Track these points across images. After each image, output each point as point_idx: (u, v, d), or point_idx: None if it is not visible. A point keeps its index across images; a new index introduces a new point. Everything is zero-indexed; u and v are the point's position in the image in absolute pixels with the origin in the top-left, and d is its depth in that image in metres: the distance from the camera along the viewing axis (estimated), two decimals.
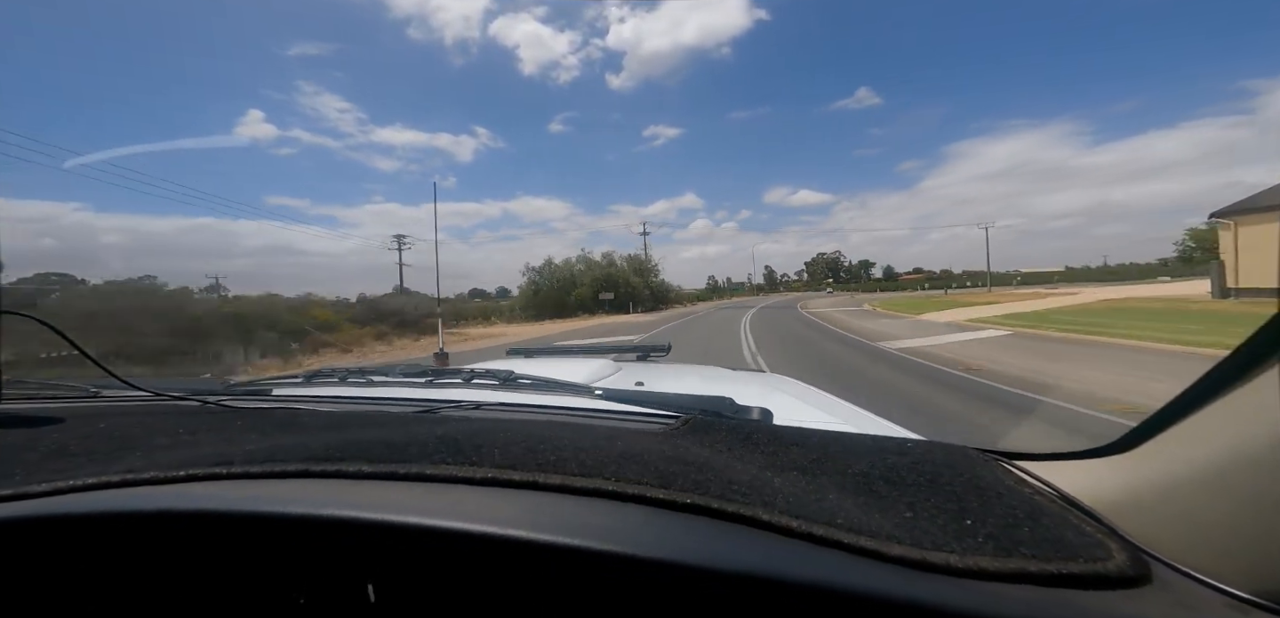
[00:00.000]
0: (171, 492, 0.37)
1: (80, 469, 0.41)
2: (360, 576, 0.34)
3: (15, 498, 0.37)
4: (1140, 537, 0.36)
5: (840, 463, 0.46)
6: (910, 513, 0.37)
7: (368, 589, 0.34)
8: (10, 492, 0.37)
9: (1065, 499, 0.43)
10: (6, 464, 0.43)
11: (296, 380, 1.03)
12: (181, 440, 0.52)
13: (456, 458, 0.41)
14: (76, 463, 0.44)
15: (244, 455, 0.42)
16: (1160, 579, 0.32)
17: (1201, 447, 0.35)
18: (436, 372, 1.03)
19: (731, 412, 0.69)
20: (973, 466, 0.46)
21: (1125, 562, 0.32)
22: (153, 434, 0.53)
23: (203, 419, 0.61)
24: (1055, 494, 0.43)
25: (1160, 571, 0.33)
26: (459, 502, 0.36)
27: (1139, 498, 0.38)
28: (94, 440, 0.51)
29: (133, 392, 0.80)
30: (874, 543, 0.32)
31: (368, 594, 0.34)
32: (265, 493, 0.37)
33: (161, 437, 0.53)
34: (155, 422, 0.59)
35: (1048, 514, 0.38)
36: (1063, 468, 0.46)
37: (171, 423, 0.58)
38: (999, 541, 0.33)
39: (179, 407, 0.73)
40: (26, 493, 0.37)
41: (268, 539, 0.35)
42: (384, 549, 0.34)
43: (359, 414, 0.68)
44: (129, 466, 0.41)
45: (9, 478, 0.40)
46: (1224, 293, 15.85)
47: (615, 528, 0.34)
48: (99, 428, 0.55)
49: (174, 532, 0.35)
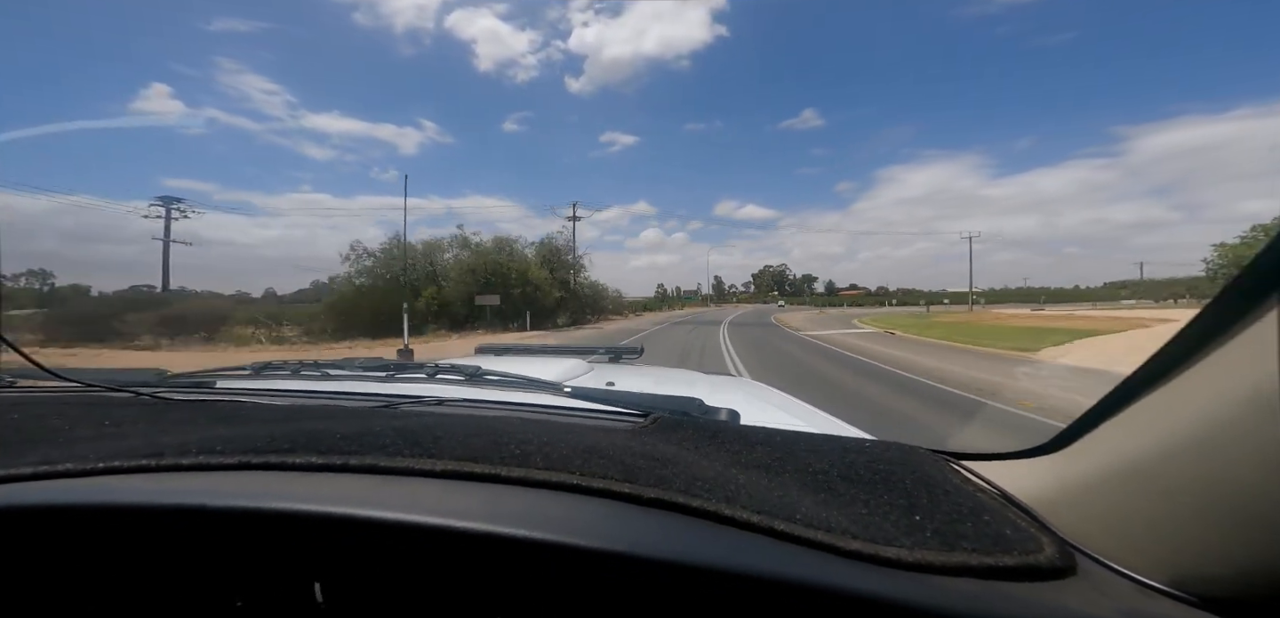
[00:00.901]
0: (90, 485, 0.34)
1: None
2: (306, 574, 0.32)
3: None
4: (1069, 531, 0.39)
5: (802, 461, 0.48)
6: (865, 509, 0.39)
7: (314, 589, 0.32)
8: None
9: (1005, 497, 0.45)
10: None
11: (243, 373, 0.97)
12: (107, 433, 0.48)
13: (413, 450, 0.40)
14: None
15: (177, 446, 0.39)
16: (1084, 571, 0.35)
17: (1124, 445, 0.37)
18: (398, 366, 0.99)
19: (700, 412, 0.70)
20: (923, 464, 0.48)
21: (1054, 555, 0.34)
22: (75, 426, 0.49)
23: (135, 411, 0.57)
24: (996, 492, 0.46)
25: (1084, 563, 0.36)
26: (415, 494, 0.35)
27: (1069, 495, 0.41)
28: (5, 431, 0.46)
29: (58, 382, 0.73)
30: (830, 538, 0.33)
31: (314, 594, 0.32)
32: (198, 486, 0.35)
33: (85, 428, 0.49)
34: (79, 413, 0.54)
35: (988, 511, 0.40)
36: (1004, 467, 0.49)
37: (98, 415, 0.54)
38: (944, 535, 0.35)
39: (109, 398, 0.68)
40: None
41: (202, 536, 0.32)
42: (334, 545, 0.32)
43: (311, 408, 0.65)
44: (43, 457, 0.37)
45: None
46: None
47: (578, 521, 0.34)
48: (11, 418, 0.51)
49: (94, 528, 0.32)
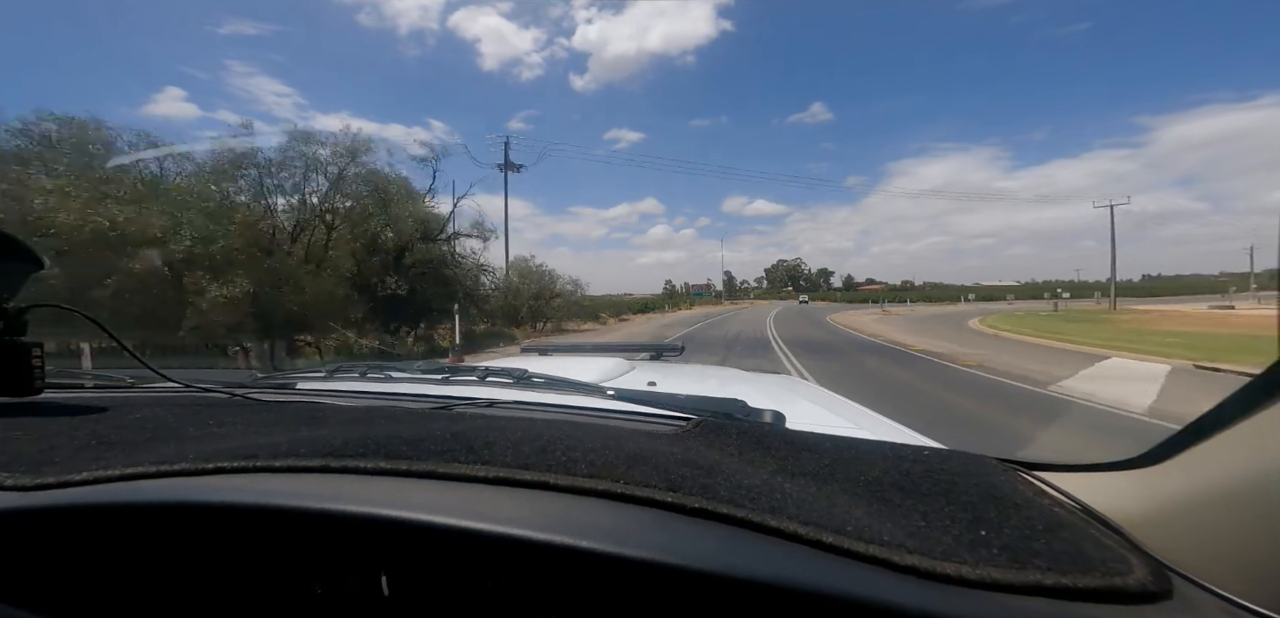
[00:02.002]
0: (200, 484, 0.38)
1: (116, 459, 0.43)
2: (375, 568, 0.35)
3: (57, 486, 0.39)
4: (1163, 552, 0.35)
5: (853, 470, 0.46)
6: (923, 522, 0.37)
7: (381, 582, 0.35)
8: (53, 480, 0.39)
9: (1087, 512, 0.41)
10: (49, 451, 0.46)
11: (319, 375, 1.06)
12: (210, 433, 0.54)
13: (469, 457, 0.42)
14: (113, 452, 0.46)
15: (268, 449, 0.43)
16: (1182, 595, 0.31)
17: (1230, 464, 0.34)
18: (452, 369, 1.05)
19: (743, 414, 0.69)
20: (990, 475, 0.45)
21: (1145, 576, 0.31)
22: (184, 425, 0.55)
23: (230, 412, 0.64)
24: (1076, 507, 0.42)
25: (1182, 587, 0.32)
26: (470, 500, 0.37)
27: (1163, 513, 0.37)
28: (129, 431, 0.53)
29: (165, 383, 0.83)
30: (884, 552, 0.32)
31: (381, 586, 0.35)
32: (286, 487, 0.38)
33: (192, 428, 0.55)
34: (186, 414, 0.61)
35: (1066, 527, 0.37)
36: (1085, 480, 0.45)
37: (201, 415, 0.60)
38: (1014, 552, 0.33)
39: (208, 399, 0.76)
40: (68, 481, 0.39)
41: (288, 530, 0.36)
42: (398, 544, 0.35)
43: (378, 409, 0.70)
44: (162, 456, 0.42)
45: (51, 464, 0.42)
46: None
47: (622, 530, 0.34)
48: (134, 418, 0.58)
49: (201, 521, 0.36)
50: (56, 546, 0.37)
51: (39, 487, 0.38)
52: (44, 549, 0.37)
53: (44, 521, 0.37)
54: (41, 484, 0.39)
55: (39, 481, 0.39)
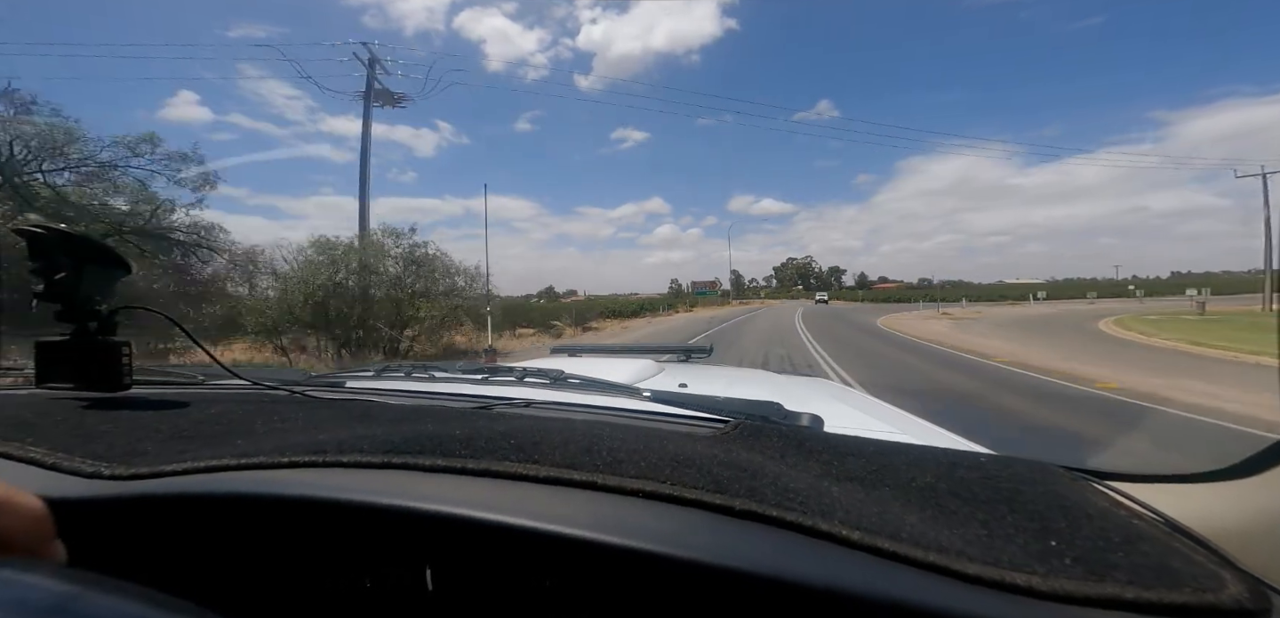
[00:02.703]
0: (275, 476, 0.41)
1: (199, 451, 0.46)
2: (422, 562, 0.36)
3: (150, 476, 0.42)
4: (1261, 569, 0.32)
5: (903, 475, 0.44)
6: (984, 530, 0.35)
7: (426, 575, 0.36)
8: (145, 470, 0.42)
9: (1171, 525, 0.39)
10: (138, 443, 0.50)
11: (368, 374, 1.11)
12: (275, 427, 0.57)
13: (519, 455, 0.43)
14: (194, 445, 0.49)
15: (335, 444, 0.45)
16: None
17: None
18: (492, 370, 1.08)
19: (780, 417, 0.68)
20: (1057, 483, 0.43)
21: (1242, 593, 0.29)
22: (253, 420, 0.59)
23: (291, 408, 0.68)
24: (1159, 520, 0.39)
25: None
26: (524, 498, 0.38)
27: (1261, 528, 0.35)
28: (206, 425, 0.57)
29: (234, 380, 0.89)
30: (944, 559, 0.30)
31: (426, 581, 0.36)
32: (352, 481, 0.40)
33: (260, 423, 0.58)
34: (254, 409, 0.65)
35: (1148, 539, 0.34)
36: (1167, 491, 0.42)
37: (267, 410, 0.65)
38: (1089, 564, 0.31)
39: (272, 396, 0.81)
40: (159, 472, 0.42)
41: (349, 523, 0.38)
42: (450, 538, 0.36)
43: (426, 409, 0.72)
44: (240, 450, 0.45)
45: (141, 456, 0.46)
46: None
47: (671, 532, 0.34)
48: (210, 414, 0.62)
49: (274, 512, 0.39)
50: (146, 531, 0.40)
51: (134, 476, 0.42)
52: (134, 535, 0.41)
53: (137, 508, 0.40)
54: (136, 474, 0.42)
55: (133, 470, 0.42)
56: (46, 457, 0.45)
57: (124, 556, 0.40)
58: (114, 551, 0.41)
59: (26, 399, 0.67)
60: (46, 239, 0.64)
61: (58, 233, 0.65)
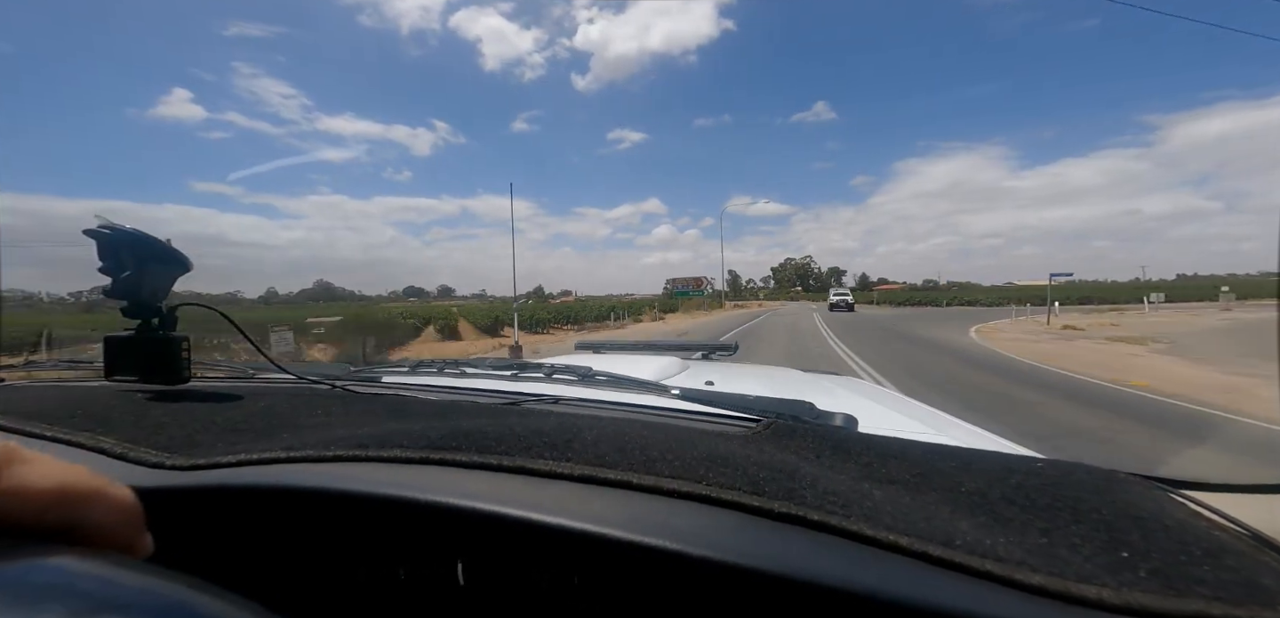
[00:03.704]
0: (322, 470, 0.43)
1: (253, 444, 0.48)
2: (455, 556, 0.36)
3: (208, 467, 0.44)
4: None
5: (950, 479, 0.42)
6: (1044, 539, 0.33)
7: (457, 569, 0.36)
8: (204, 461, 0.45)
9: (1260, 539, 0.36)
10: (195, 434, 0.53)
11: (402, 369, 1.14)
12: (319, 421, 0.59)
13: (553, 453, 0.43)
14: (247, 438, 0.52)
15: (376, 439, 0.47)
16: None
17: None
18: (521, 366, 1.09)
19: (812, 416, 0.66)
20: (1128, 491, 0.40)
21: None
22: (298, 414, 0.62)
23: (333, 402, 0.70)
24: (1246, 533, 0.36)
25: None
26: (560, 497, 0.38)
27: None
28: (256, 418, 0.60)
29: (279, 374, 0.93)
30: (1002, 568, 0.28)
31: (457, 574, 0.36)
32: (392, 476, 0.41)
33: (305, 416, 0.61)
34: (299, 403, 0.68)
35: (1233, 552, 0.31)
36: (1255, 503, 0.39)
37: (312, 404, 0.67)
38: (1167, 578, 0.28)
39: (314, 389, 0.84)
40: (217, 463, 0.44)
41: (388, 516, 0.38)
42: (484, 534, 0.36)
43: (459, 404, 0.74)
44: (287, 443, 0.47)
45: (198, 447, 0.48)
46: None
47: (708, 533, 0.33)
48: (260, 407, 0.65)
49: (319, 503, 0.40)
50: (203, 519, 0.42)
51: (194, 467, 0.44)
52: (193, 521, 0.43)
53: (195, 497, 0.42)
54: (195, 464, 0.44)
55: (193, 461, 0.45)
56: (116, 446, 0.47)
57: (183, 542, 0.43)
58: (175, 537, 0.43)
59: (96, 391, 0.72)
60: (113, 238, 0.69)
61: (124, 233, 0.69)
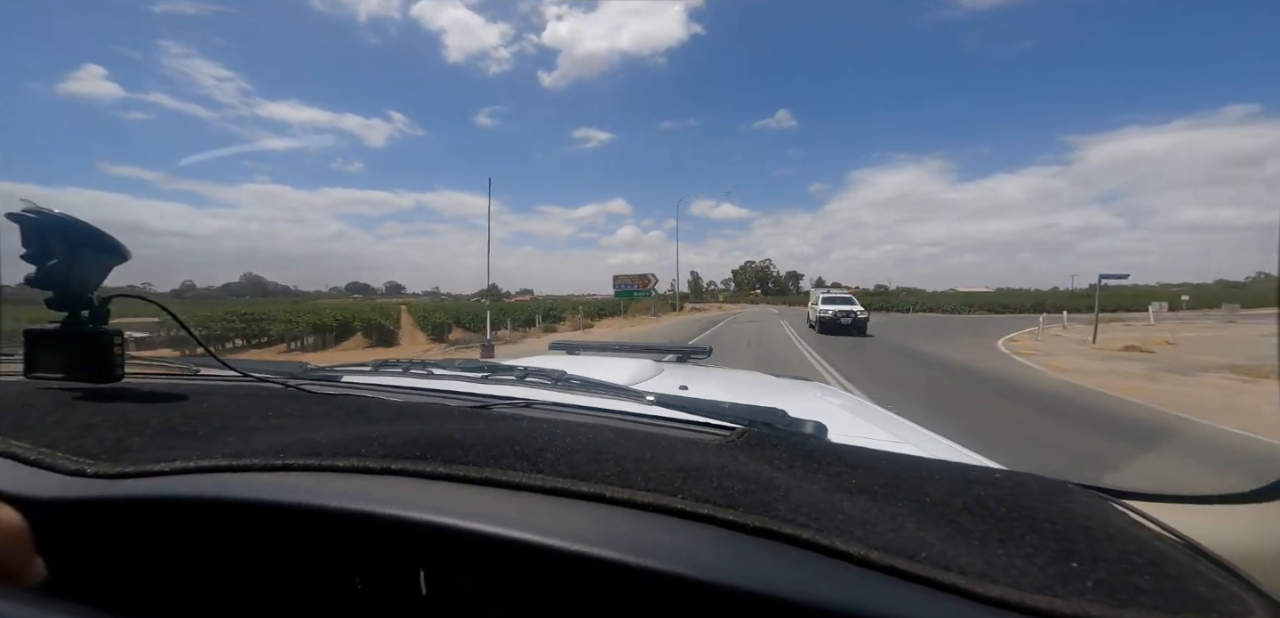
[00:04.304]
0: (270, 480, 0.40)
1: (189, 449, 0.45)
2: (417, 567, 0.35)
3: (137, 475, 0.40)
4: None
5: (916, 490, 0.43)
6: (1001, 550, 0.34)
7: (419, 579, 0.35)
8: (133, 469, 0.41)
9: (1192, 547, 0.38)
10: (127, 438, 0.48)
11: (365, 369, 1.09)
12: (271, 423, 0.56)
13: (524, 464, 0.42)
14: (187, 442, 0.48)
15: (330, 446, 0.44)
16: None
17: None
18: (492, 367, 1.06)
19: (784, 424, 0.67)
20: (1076, 502, 0.42)
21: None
22: (248, 416, 0.58)
23: (287, 403, 0.66)
24: (1180, 541, 0.39)
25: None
26: (529, 510, 0.36)
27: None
28: (198, 420, 0.55)
29: (227, 372, 0.87)
30: (965, 581, 0.30)
31: (420, 585, 0.35)
32: (350, 487, 0.39)
33: (254, 418, 0.57)
34: (248, 403, 0.64)
35: (1172, 562, 0.33)
36: (1189, 512, 0.42)
37: (262, 405, 0.63)
38: (1112, 588, 0.30)
39: (265, 388, 0.79)
40: (147, 471, 0.40)
41: (345, 529, 0.36)
42: (451, 548, 0.35)
43: (425, 407, 0.71)
44: (232, 449, 0.44)
45: (129, 452, 0.44)
46: None
47: (682, 549, 0.33)
48: (203, 408, 0.60)
49: (269, 518, 0.37)
50: (131, 533, 0.39)
51: (120, 475, 0.40)
52: (119, 537, 0.39)
53: (123, 510, 0.39)
54: (122, 472, 0.40)
55: (120, 469, 0.41)
56: (29, 452, 0.43)
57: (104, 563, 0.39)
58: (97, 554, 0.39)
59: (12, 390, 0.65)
60: (40, 223, 0.63)
61: (52, 217, 0.63)
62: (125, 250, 0.69)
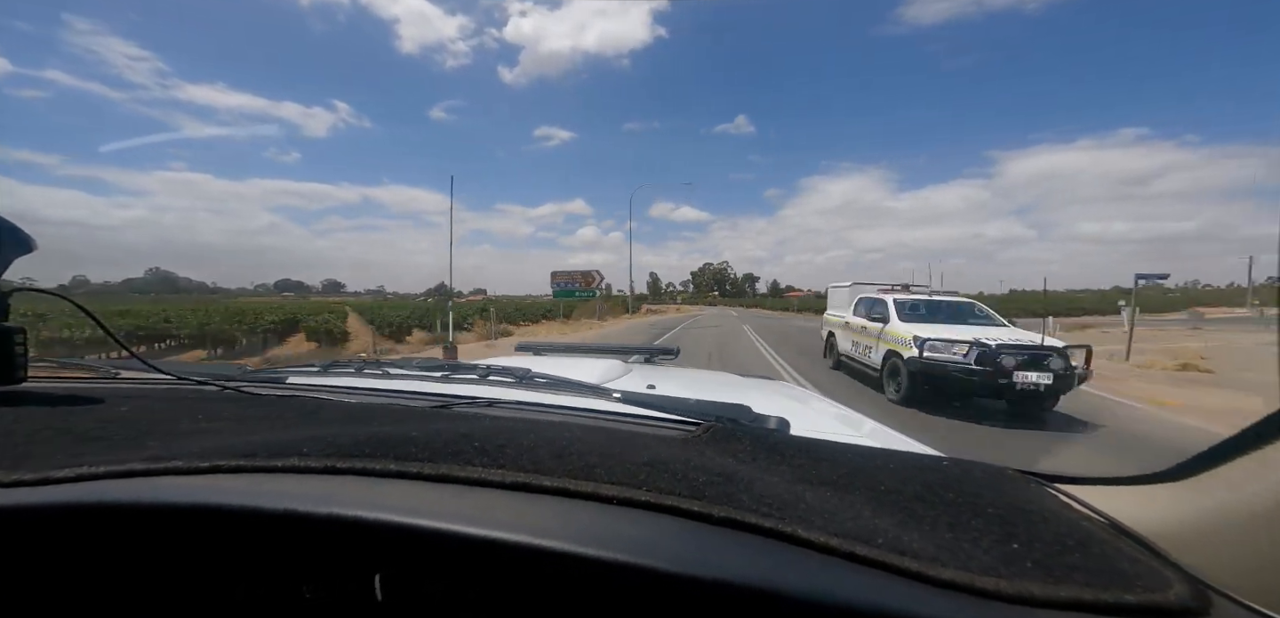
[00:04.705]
0: (194, 484, 0.36)
1: (101, 454, 0.41)
2: (371, 571, 0.33)
3: (37, 483, 0.36)
4: (1199, 569, 0.34)
5: (873, 479, 0.45)
6: (950, 534, 0.36)
7: (375, 584, 0.33)
8: (31, 476, 0.37)
9: (1115, 527, 0.41)
10: (28, 445, 0.43)
11: (313, 369, 1.03)
12: (202, 427, 0.51)
13: (483, 459, 0.40)
14: (96, 448, 0.43)
15: (268, 447, 0.41)
16: (1220, 612, 0.31)
17: (1272, 478, 0.33)
18: (453, 367, 1.03)
19: (749, 420, 0.68)
20: (1015, 487, 0.45)
21: (1184, 593, 0.30)
22: (175, 420, 0.53)
23: (223, 405, 0.61)
24: (1105, 521, 0.42)
25: (1222, 604, 0.32)
26: (488, 506, 0.35)
27: (1199, 529, 0.37)
28: (115, 425, 0.50)
29: (155, 375, 0.80)
30: (919, 565, 0.31)
31: (375, 589, 0.33)
32: (288, 488, 0.36)
33: (184, 422, 0.52)
34: (177, 407, 0.59)
35: (1098, 541, 0.36)
36: (1112, 493, 0.45)
37: (193, 409, 0.58)
38: (1048, 567, 0.32)
39: (200, 392, 0.73)
40: (48, 479, 0.36)
41: (286, 534, 0.34)
42: (405, 549, 0.33)
43: (378, 407, 0.68)
44: (152, 453, 0.40)
45: (29, 460, 0.40)
46: None
47: (647, 541, 0.33)
48: (121, 412, 0.55)
49: (192, 523, 0.34)
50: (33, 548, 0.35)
51: (16, 483, 0.36)
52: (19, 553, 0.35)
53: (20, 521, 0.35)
54: (19, 481, 0.36)
55: (16, 477, 0.36)
56: None
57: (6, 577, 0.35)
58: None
59: None
60: None
61: None
62: (29, 239, 0.62)
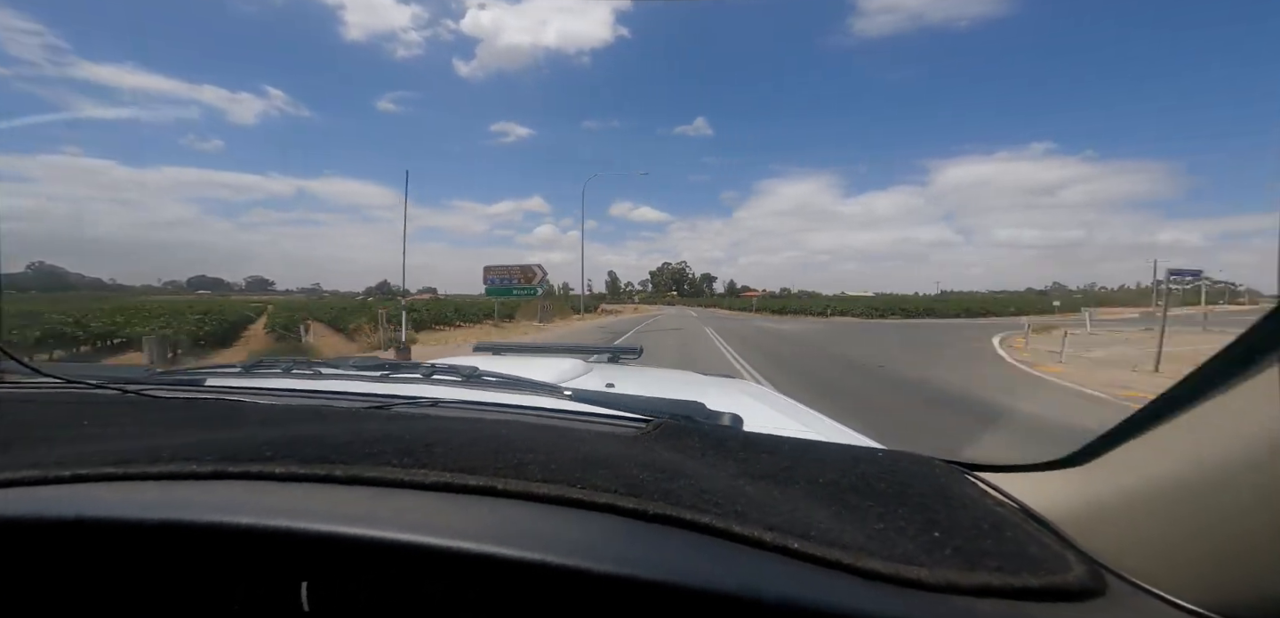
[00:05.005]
0: (48, 495, 0.33)
1: None
2: (292, 582, 0.31)
3: None
4: (1098, 550, 0.37)
5: (812, 472, 0.46)
6: (881, 524, 0.37)
7: (301, 593, 0.31)
8: None
9: (1026, 512, 0.43)
10: None
11: (233, 370, 0.95)
12: (86, 434, 0.46)
13: (404, 460, 0.38)
14: None
15: (149, 452, 0.37)
16: (1115, 593, 0.33)
17: (1161, 462, 0.35)
18: (394, 366, 0.97)
19: (702, 416, 0.68)
20: (938, 476, 0.47)
21: (1082, 575, 0.33)
22: (52, 427, 0.47)
23: (120, 410, 0.55)
24: (1016, 507, 0.44)
25: (1115, 584, 0.34)
26: (406, 509, 0.33)
27: (1095, 512, 0.39)
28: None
29: (39, 379, 0.71)
30: (848, 557, 0.32)
31: (301, 600, 0.31)
32: (167, 497, 0.33)
33: (63, 429, 0.46)
34: (61, 413, 0.52)
35: (1010, 527, 0.38)
36: (1024, 480, 0.47)
37: (80, 414, 0.52)
38: (965, 554, 0.34)
39: (94, 396, 0.66)
40: None
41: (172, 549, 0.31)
42: (317, 558, 0.30)
43: (302, 408, 0.63)
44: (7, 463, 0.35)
45: None
46: None
47: (580, 541, 0.32)
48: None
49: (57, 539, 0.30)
50: None
51: None
52: None
53: None
54: None
55: None
56: None
57: None
58: None
59: None
60: None
61: None
62: None
